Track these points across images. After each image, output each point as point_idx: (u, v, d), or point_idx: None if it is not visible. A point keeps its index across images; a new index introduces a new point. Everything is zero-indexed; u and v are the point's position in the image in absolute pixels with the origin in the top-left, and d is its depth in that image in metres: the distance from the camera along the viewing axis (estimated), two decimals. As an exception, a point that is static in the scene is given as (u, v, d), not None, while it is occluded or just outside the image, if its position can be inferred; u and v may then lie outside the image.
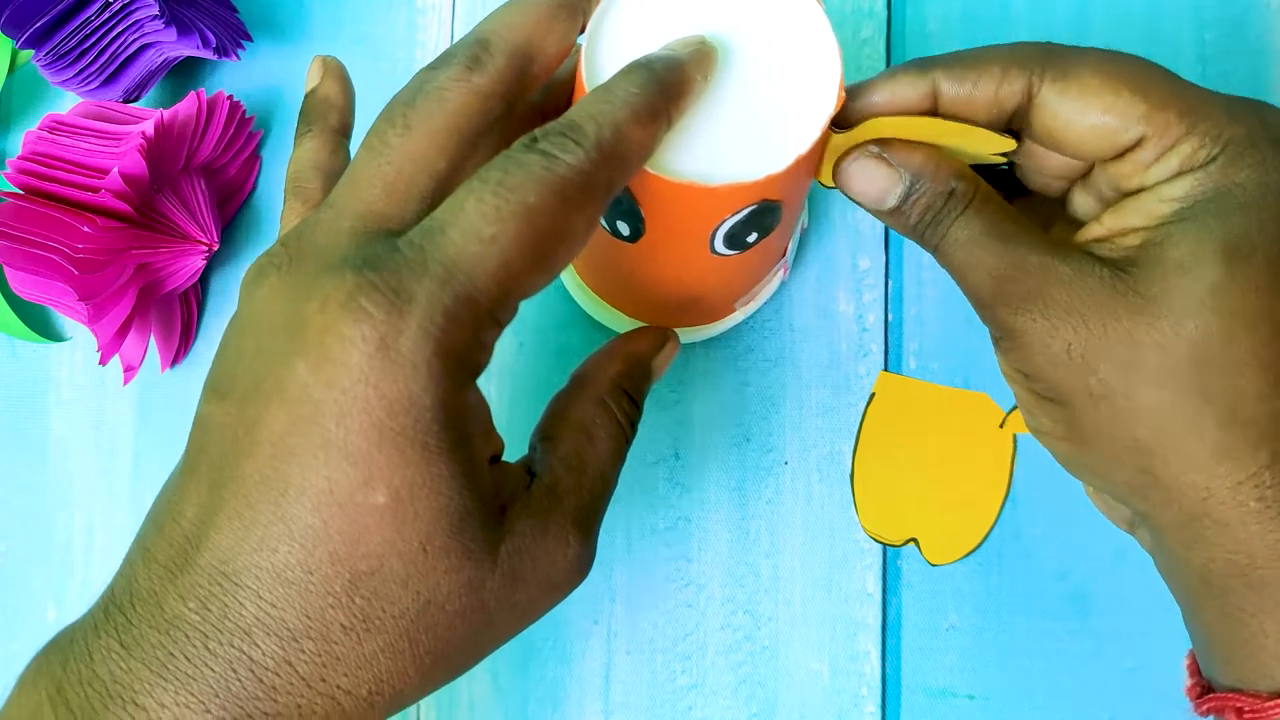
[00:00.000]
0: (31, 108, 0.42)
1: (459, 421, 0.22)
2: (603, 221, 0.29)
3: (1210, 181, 0.25)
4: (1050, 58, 0.27)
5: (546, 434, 0.28)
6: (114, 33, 0.37)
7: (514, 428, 0.39)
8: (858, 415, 0.39)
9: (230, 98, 0.38)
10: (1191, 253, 0.25)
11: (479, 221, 0.22)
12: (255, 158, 0.41)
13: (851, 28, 0.41)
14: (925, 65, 0.28)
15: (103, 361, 0.37)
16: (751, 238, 0.29)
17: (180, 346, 0.39)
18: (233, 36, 0.39)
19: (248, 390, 0.22)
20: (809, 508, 0.38)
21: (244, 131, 0.39)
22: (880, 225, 0.40)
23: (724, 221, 0.28)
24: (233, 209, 0.40)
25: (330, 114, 0.28)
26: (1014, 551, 0.38)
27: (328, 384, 0.21)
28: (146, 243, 0.36)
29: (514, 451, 0.39)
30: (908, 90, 0.28)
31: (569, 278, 0.37)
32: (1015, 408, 0.38)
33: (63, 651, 0.22)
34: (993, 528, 0.38)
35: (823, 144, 0.27)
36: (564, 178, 0.22)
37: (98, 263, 0.34)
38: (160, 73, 0.40)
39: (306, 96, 0.29)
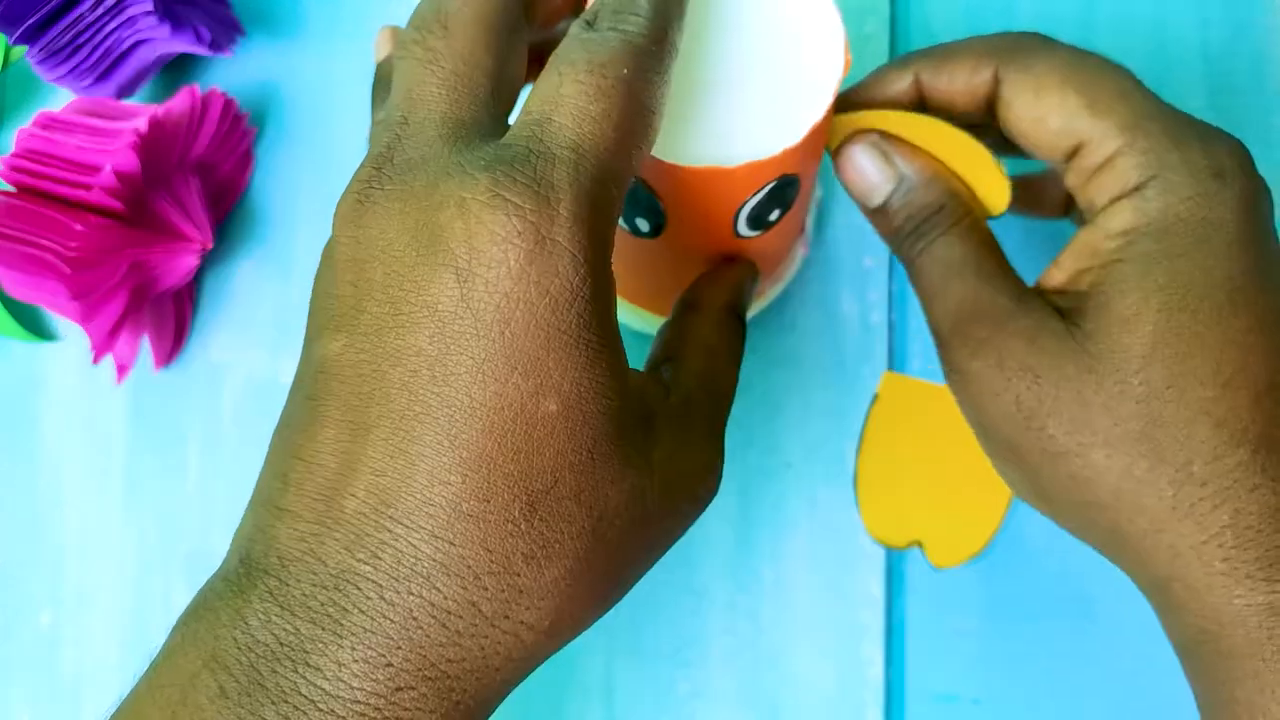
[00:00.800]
0: (24, 104, 0.41)
1: (611, 313, 0.22)
2: (620, 220, 0.29)
3: (1147, 216, 0.25)
4: (1018, 50, 0.27)
5: (671, 354, 0.27)
6: (107, 29, 0.37)
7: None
8: (861, 417, 0.38)
9: (224, 94, 0.38)
10: (1134, 305, 0.24)
11: (585, 101, 0.21)
12: (249, 155, 0.40)
13: (855, 24, 0.41)
14: (908, 59, 0.29)
15: (95, 361, 0.36)
16: (773, 215, 0.29)
17: (173, 346, 0.39)
18: (227, 32, 0.39)
19: (382, 319, 0.20)
20: (812, 511, 0.38)
21: (238, 128, 0.39)
22: (883, 225, 0.40)
23: (746, 202, 0.27)
24: (226, 207, 0.40)
25: None
26: (1019, 555, 0.38)
27: (488, 289, 0.20)
28: (140, 241, 0.35)
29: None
30: (893, 84, 0.28)
31: None
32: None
33: (208, 620, 0.20)
34: (998, 531, 0.37)
35: (832, 113, 0.27)
36: (642, 47, 0.22)
37: (90, 261, 0.34)
38: (154, 69, 0.39)
39: (379, 66, 0.28)
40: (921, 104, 0.29)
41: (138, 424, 0.39)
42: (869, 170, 0.28)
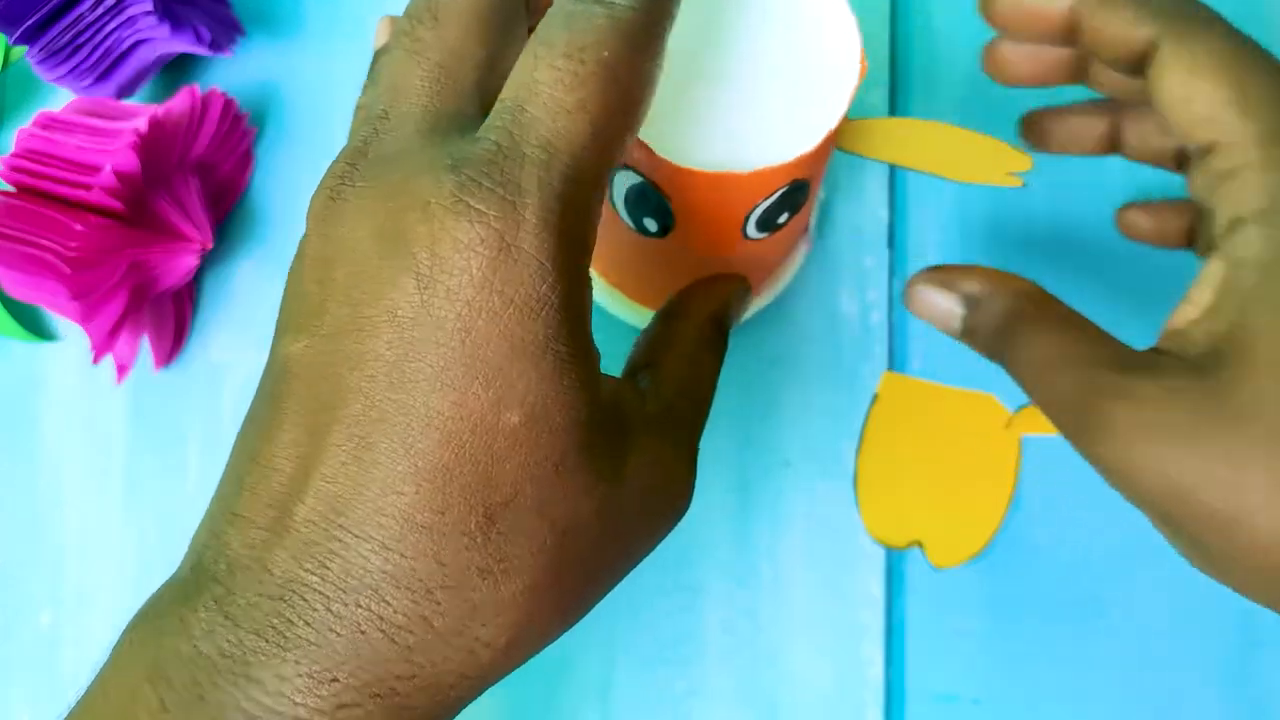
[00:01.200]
0: (24, 104, 0.42)
1: (584, 321, 0.21)
2: (627, 219, 0.29)
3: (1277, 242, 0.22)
4: (1180, 18, 0.25)
5: (651, 361, 0.26)
6: (107, 29, 0.37)
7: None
8: (861, 416, 0.38)
9: (224, 94, 0.38)
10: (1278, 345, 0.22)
11: (559, 91, 0.20)
12: (249, 155, 0.40)
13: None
14: None
15: (95, 361, 0.36)
16: (782, 218, 0.29)
17: (173, 346, 0.39)
18: (227, 32, 0.39)
19: (343, 322, 0.20)
20: (811, 510, 0.38)
21: (238, 128, 0.39)
22: (884, 224, 0.40)
23: (756, 206, 0.27)
24: (226, 207, 0.40)
25: None
26: (1020, 554, 0.37)
27: (449, 296, 0.19)
28: (140, 241, 0.36)
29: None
30: (1051, 2, 0.26)
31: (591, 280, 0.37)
32: (1022, 408, 0.38)
33: (153, 628, 0.20)
34: (998, 530, 0.37)
35: (845, 119, 0.27)
36: (629, 22, 0.21)
37: (90, 261, 0.34)
38: (154, 69, 0.39)
39: (376, 54, 0.28)
40: (1068, 37, 0.27)
41: (138, 424, 0.39)
42: (937, 301, 0.28)
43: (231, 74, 0.41)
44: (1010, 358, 0.26)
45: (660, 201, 0.27)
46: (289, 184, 0.40)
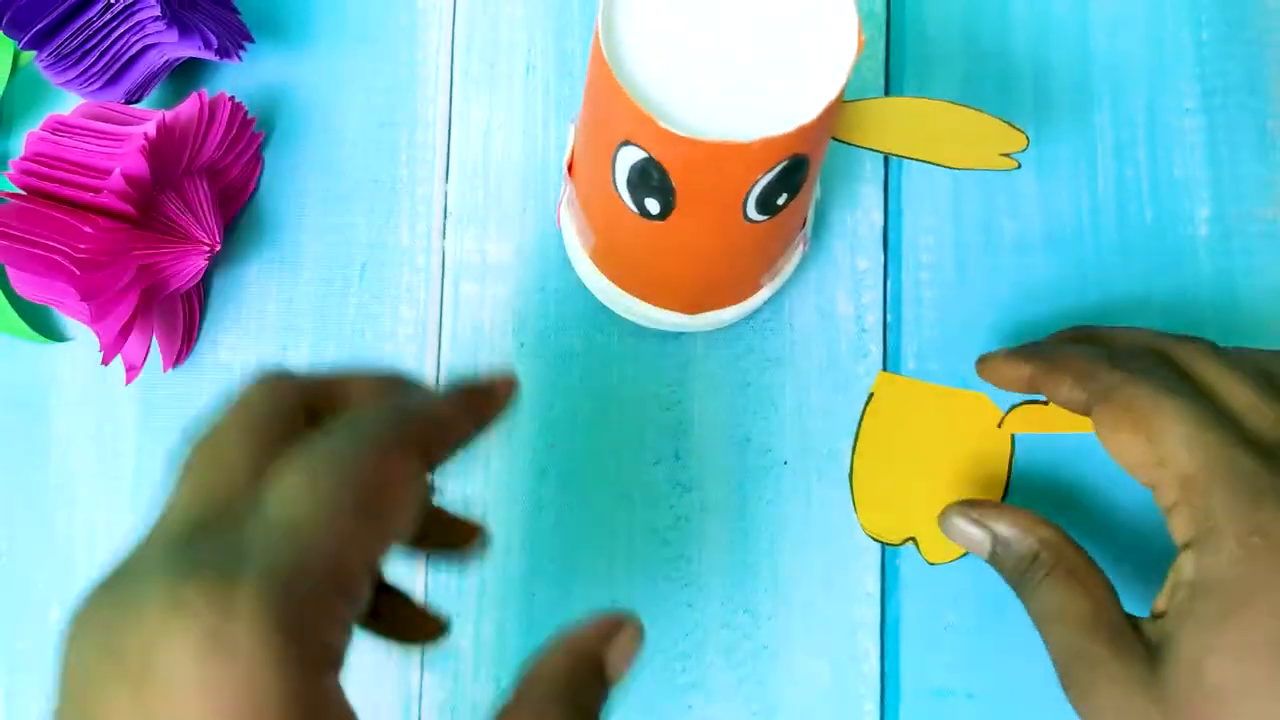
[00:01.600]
0: (33, 109, 0.42)
1: (319, 716, 0.18)
2: (630, 202, 0.30)
3: (1199, 573, 0.26)
4: (1111, 381, 0.30)
5: None
6: (116, 34, 0.37)
7: (516, 428, 0.39)
8: (857, 416, 0.39)
9: (232, 99, 0.39)
10: (1194, 661, 0.26)
11: (295, 481, 0.20)
12: (257, 159, 0.41)
13: (851, 29, 0.41)
14: (1023, 354, 0.33)
15: (105, 362, 0.37)
16: (781, 199, 0.29)
17: (182, 347, 0.40)
18: (234, 38, 0.39)
19: None
20: (808, 508, 0.38)
21: (246, 133, 0.40)
22: (879, 226, 0.40)
23: (757, 182, 0.28)
24: (234, 210, 0.40)
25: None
26: (1013, 551, 0.38)
27: (163, 700, 0.17)
28: (149, 243, 0.36)
29: (513, 445, 0.40)
30: (1013, 370, 0.33)
31: (588, 271, 0.37)
32: (1014, 407, 0.38)
33: None
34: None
35: (844, 93, 0.27)
36: (376, 430, 0.21)
37: (100, 263, 0.35)
38: (162, 74, 0.40)
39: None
40: (1035, 389, 0.33)
41: (147, 424, 0.40)
42: (970, 532, 0.32)
43: (239, 79, 0.42)
44: (1024, 597, 0.31)
45: (663, 178, 0.28)
46: (296, 187, 0.41)
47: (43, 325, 0.41)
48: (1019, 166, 0.31)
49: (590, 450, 0.39)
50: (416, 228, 0.40)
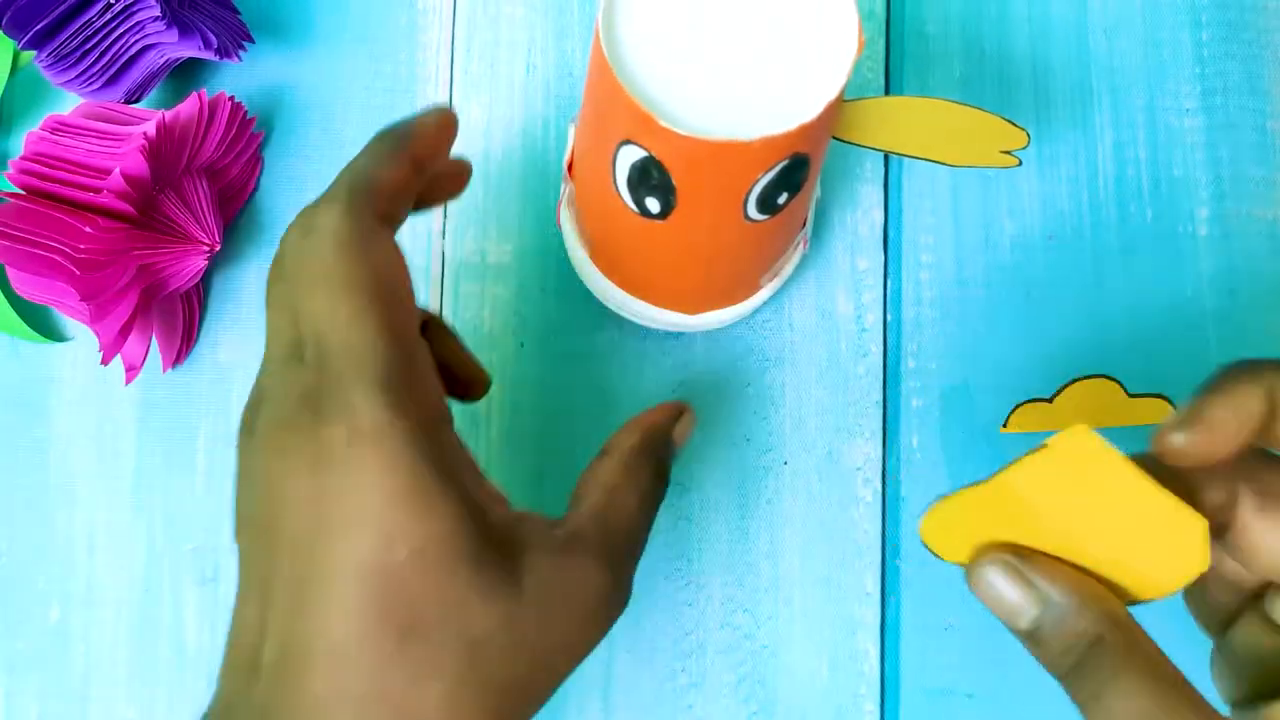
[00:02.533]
0: (33, 109, 0.42)
1: (446, 465, 0.24)
2: (630, 202, 0.30)
3: None
4: (1264, 469, 0.25)
5: (576, 496, 0.29)
6: (116, 34, 0.37)
7: (514, 429, 0.39)
8: (856, 415, 0.39)
9: (232, 99, 0.39)
10: None
11: (342, 318, 0.25)
12: (257, 159, 0.41)
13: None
14: (1240, 381, 0.25)
15: (105, 362, 0.37)
16: (782, 198, 0.29)
17: (182, 347, 0.40)
18: (234, 38, 0.39)
19: (267, 519, 0.24)
20: (809, 507, 0.38)
21: (245, 132, 0.40)
22: (879, 226, 0.40)
23: (757, 181, 0.28)
24: (234, 209, 0.40)
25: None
26: (1013, 551, 0.38)
27: (330, 484, 0.23)
28: (148, 243, 0.36)
29: (512, 446, 0.40)
30: (1239, 412, 0.25)
31: (588, 271, 0.37)
32: (1017, 406, 0.38)
33: None
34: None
35: (844, 93, 0.27)
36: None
37: (100, 263, 0.35)
38: (162, 74, 0.40)
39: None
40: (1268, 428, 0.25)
41: (147, 424, 0.40)
42: (1006, 592, 0.26)
43: (239, 79, 0.42)
44: (1078, 693, 0.25)
45: (664, 178, 0.28)
46: (296, 186, 0.41)
47: (42, 325, 0.41)
48: (1020, 164, 0.31)
49: (590, 451, 0.39)
50: (416, 228, 0.40)
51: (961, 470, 0.39)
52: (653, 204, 0.29)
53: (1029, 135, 0.30)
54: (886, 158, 0.41)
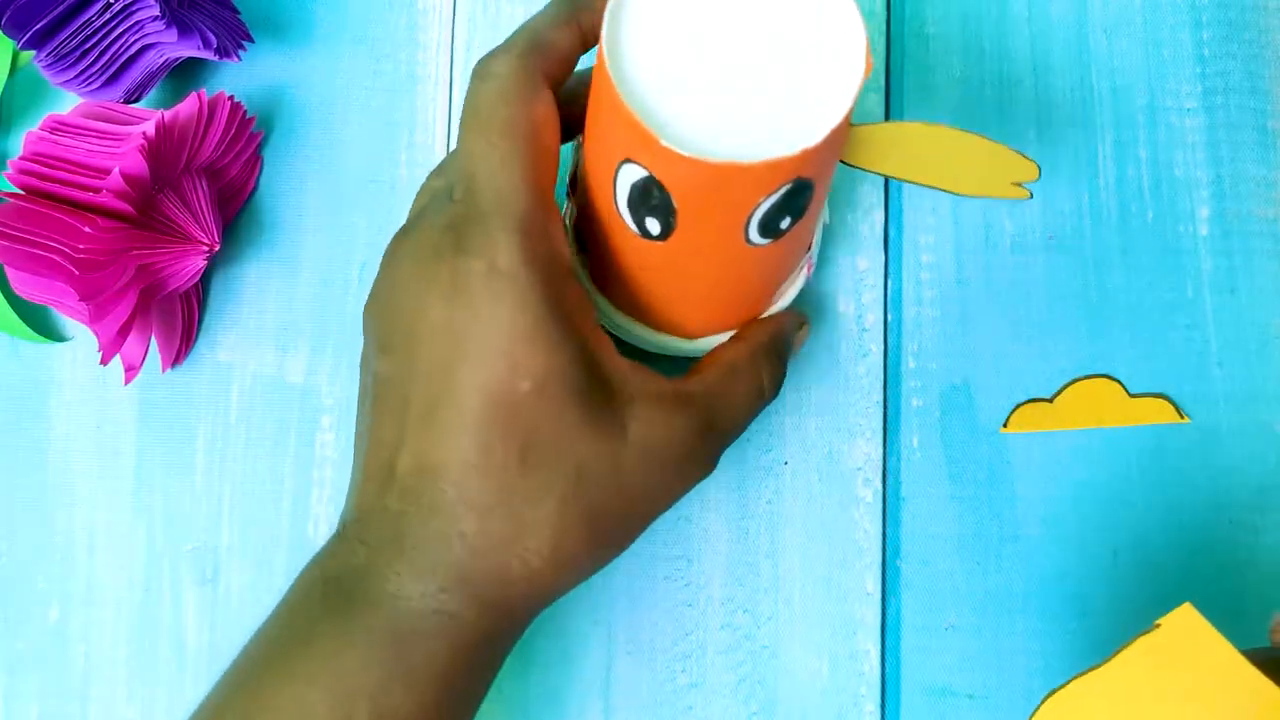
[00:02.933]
0: (32, 108, 0.42)
1: (568, 315, 0.27)
2: (630, 222, 0.29)
3: None
4: None
5: (700, 364, 0.33)
6: (115, 34, 0.37)
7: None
8: (856, 415, 0.39)
9: (231, 98, 0.38)
10: None
11: (497, 166, 0.28)
12: (257, 158, 0.41)
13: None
14: None
15: (104, 361, 0.37)
16: (785, 223, 0.29)
17: (181, 346, 0.40)
18: (234, 37, 0.39)
19: (407, 342, 0.28)
20: (809, 508, 0.38)
21: (245, 132, 0.40)
22: (879, 226, 0.40)
23: (759, 205, 0.28)
24: (234, 209, 0.40)
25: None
26: (1012, 552, 0.38)
27: (465, 314, 0.27)
28: (148, 243, 0.36)
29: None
30: None
31: (589, 291, 0.37)
32: (1017, 407, 0.38)
33: (323, 556, 0.29)
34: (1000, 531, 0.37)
35: (850, 117, 0.27)
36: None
37: (99, 263, 0.35)
38: (161, 73, 0.40)
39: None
40: None
41: (146, 424, 0.40)
42: None
43: (239, 78, 0.42)
44: None
45: (664, 198, 0.28)
46: (296, 186, 0.41)
47: (41, 325, 0.41)
48: (1031, 196, 0.31)
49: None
50: (416, 227, 0.40)
51: (961, 470, 0.39)
52: (653, 225, 0.29)
53: (1039, 168, 0.30)
54: (887, 157, 0.41)
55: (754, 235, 0.29)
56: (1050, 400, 0.39)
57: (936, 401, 0.39)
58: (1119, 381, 0.39)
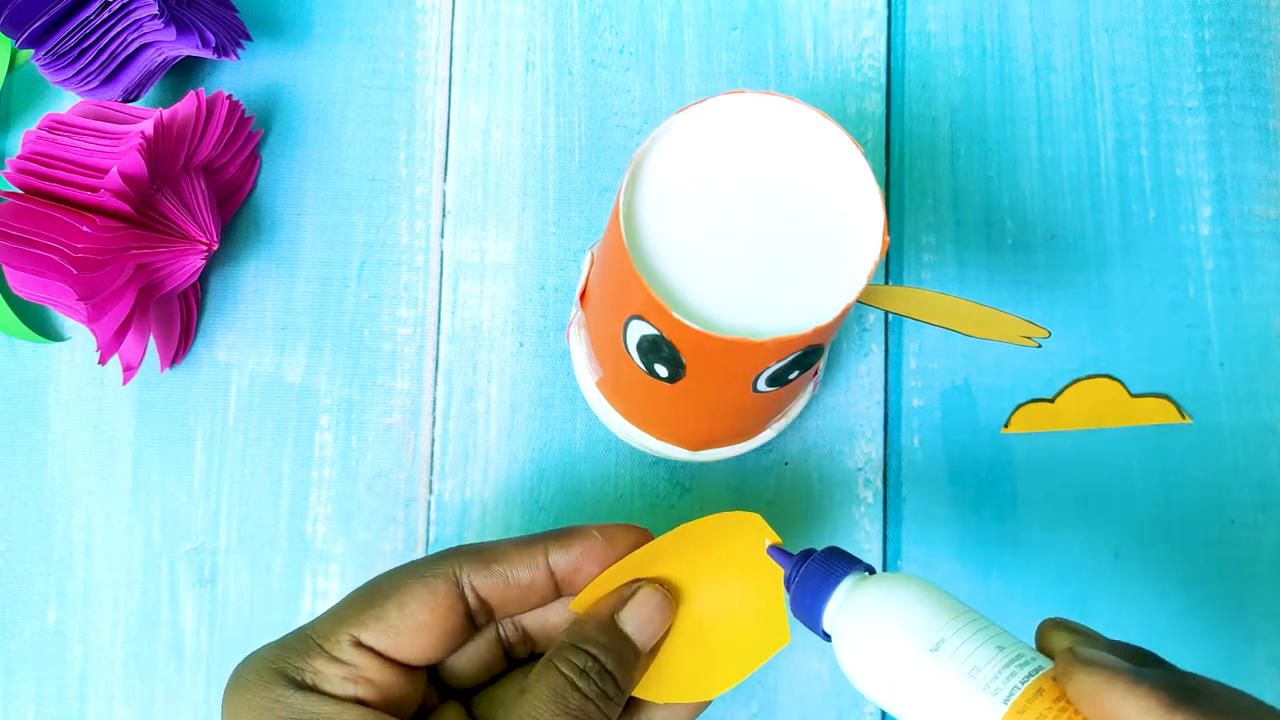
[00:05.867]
0: (31, 107, 0.42)
1: None
2: (639, 363, 0.29)
3: None
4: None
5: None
6: (113, 32, 0.37)
7: (514, 430, 0.39)
8: (856, 415, 0.39)
9: (230, 97, 0.38)
10: None
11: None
12: (255, 157, 0.41)
13: (852, 27, 0.41)
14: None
15: (102, 361, 0.37)
16: (793, 375, 0.29)
17: (179, 346, 0.39)
18: (232, 36, 0.39)
19: None
20: (809, 507, 0.38)
21: (244, 131, 0.39)
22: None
23: (768, 367, 0.27)
24: (232, 208, 0.40)
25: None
26: (1012, 556, 0.38)
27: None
28: (146, 242, 0.36)
29: (511, 444, 0.39)
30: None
31: (594, 396, 0.37)
32: (1019, 407, 0.38)
33: None
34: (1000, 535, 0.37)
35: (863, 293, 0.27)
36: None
37: (97, 262, 0.34)
38: (160, 72, 0.40)
39: None
40: None
41: (144, 424, 0.40)
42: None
43: (237, 78, 0.42)
44: None
45: (673, 354, 0.27)
46: (294, 185, 0.41)
47: (39, 324, 0.41)
48: (1040, 347, 0.30)
49: (589, 451, 0.39)
50: (415, 227, 0.40)
51: (962, 470, 0.39)
52: (661, 370, 0.29)
53: (1049, 332, 0.29)
54: (887, 152, 0.41)
55: (762, 386, 0.28)
56: (1051, 400, 0.39)
57: (937, 401, 0.39)
58: (1120, 381, 0.39)
